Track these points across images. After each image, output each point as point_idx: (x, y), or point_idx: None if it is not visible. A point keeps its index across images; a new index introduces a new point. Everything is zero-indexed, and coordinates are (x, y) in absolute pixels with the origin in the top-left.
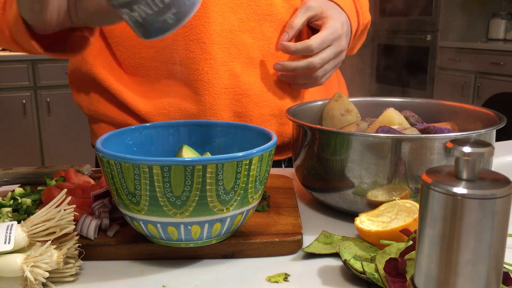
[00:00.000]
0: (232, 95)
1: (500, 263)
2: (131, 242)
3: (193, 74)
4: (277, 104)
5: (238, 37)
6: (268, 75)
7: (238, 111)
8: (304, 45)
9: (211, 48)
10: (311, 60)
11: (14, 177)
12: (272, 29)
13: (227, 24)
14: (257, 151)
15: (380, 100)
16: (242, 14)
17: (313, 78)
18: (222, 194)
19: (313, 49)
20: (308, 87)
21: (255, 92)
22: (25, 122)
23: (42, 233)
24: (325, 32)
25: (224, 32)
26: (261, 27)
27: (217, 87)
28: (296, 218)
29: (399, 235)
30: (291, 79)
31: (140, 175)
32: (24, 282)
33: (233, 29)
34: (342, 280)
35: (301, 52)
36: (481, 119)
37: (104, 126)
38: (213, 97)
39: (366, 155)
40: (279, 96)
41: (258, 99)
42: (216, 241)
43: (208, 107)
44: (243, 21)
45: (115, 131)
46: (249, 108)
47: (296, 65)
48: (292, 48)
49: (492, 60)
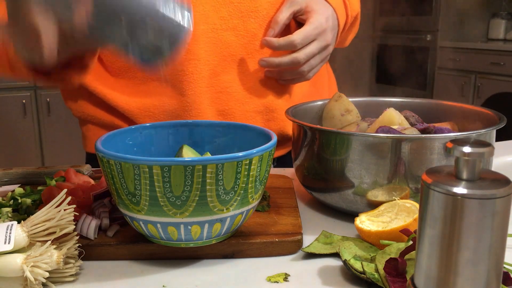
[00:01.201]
0: (214, 93)
1: (500, 263)
2: (131, 242)
3: (178, 75)
4: (262, 100)
5: (221, 36)
6: (252, 72)
7: (221, 109)
8: (287, 41)
9: (195, 48)
10: (295, 56)
11: (14, 177)
12: (257, 25)
13: (209, 23)
14: (257, 151)
15: (380, 100)
16: (224, 12)
17: (299, 73)
18: (222, 194)
19: (296, 44)
20: (296, 82)
21: (236, 89)
22: (25, 122)
23: (42, 233)
24: (308, 27)
25: (207, 32)
26: (245, 24)
27: (201, 87)
28: (296, 218)
29: (399, 235)
30: (277, 75)
31: (140, 175)
32: (24, 282)
33: (216, 27)
34: (342, 280)
35: (284, 47)
36: (481, 119)
37: (93, 127)
38: (197, 96)
39: (366, 155)
40: (263, 93)
41: (239, 96)
42: (216, 241)
43: (193, 107)
44: (225, 19)
45: (115, 131)
46: (231, 106)
47: (280, 61)
48: (275, 43)
49: (492, 60)
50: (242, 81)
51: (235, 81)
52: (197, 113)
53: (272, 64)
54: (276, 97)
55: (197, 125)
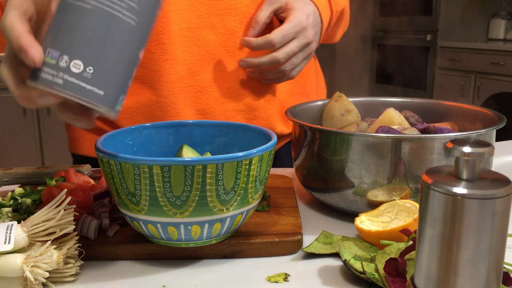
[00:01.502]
0: (192, 93)
1: (500, 263)
2: (131, 242)
3: (155, 75)
4: (242, 99)
5: (198, 34)
6: (232, 71)
7: (200, 108)
8: (265, 40)
9: (172, 48)
10: (275, 55)
11: (14, 177)
12: (236, 22)
13: (186, 22)
14: (257, 151)
15: (380, 100)
16: (201, 10)
17: (281, 72)
18: (222, 194)
19: (275, 43)
20: (279, 81)
21: (215, 88)
22: (25, 122)
23: (42, 233)
24: (287, 25)
25: (183, 31)
26: (224, 21)
27: (179, 87)
28: (296, 218)
29: (399, 235)
30: (259, 75)
31: (140, 175)
32: (24, 282)
33: (192, 26)
34: (342, 280)
35: (263, 47)
36: (481, 119)
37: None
38: (175, 97)
39: (366, 155)
40: (244, 92)
41: (219, 95)
42: (216, 241)
43: (171, 107)
44: (203, 17)
45: (115, 131)
46: (210, 105)
47: (259, 61)
48: (253, 43)
49: (492, 60)
50: (221, 80)
51: (214, 80)
52: (175, 113)
53: (251, 64)
54: (258, 96)
55: (197, 125)
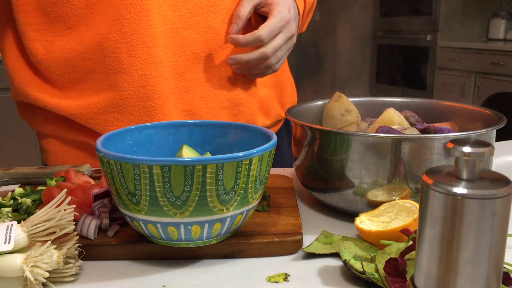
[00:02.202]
0: (178, 94)
1: (500, 263)
2: (131, 242)
3: (140, 80)
4: (226, 96)
5: (181, 35)
6: (216, 68)
7: (186, 109)
8: (253, 37)
9: (156, 50)
10: (263, 51)
11: (14, 177)
12: (219, 20)
13: (168, 24)
14: (257, 151)
15: (380, 100)
16: (183, 10)
17: (267, 66)
18: (222, 194)
19: (263, 39)
20: (264, 75)
21: (200, 87)
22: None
23: (42, 233)
24: (273, 20)
25: (167, 32)
26: (206, 20)
27: (165, 89)
28: (296, 218)
29: (399, 235)
30: (246, 71)
31: (140, 175)
32: (24, 282)
33: (175, 27)
34: (342, 280)
35: (252, 43)
36: (481, 119)
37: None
38: (163, 100)
39: (366, 155)
40: (227, 88)
41: (203, 94)
42: (216, 241)
43: (158, 111)
44: (185, 17)
45: (115, 131)
46: (196, 105)
47: (248, 58)
48: (242, 40)
49: (492, 60)
50: (206, 78)
51: (199, 79)
52: (163, 116)
53: (240, 61)
54: (242, 91)
55: (197, 125)
